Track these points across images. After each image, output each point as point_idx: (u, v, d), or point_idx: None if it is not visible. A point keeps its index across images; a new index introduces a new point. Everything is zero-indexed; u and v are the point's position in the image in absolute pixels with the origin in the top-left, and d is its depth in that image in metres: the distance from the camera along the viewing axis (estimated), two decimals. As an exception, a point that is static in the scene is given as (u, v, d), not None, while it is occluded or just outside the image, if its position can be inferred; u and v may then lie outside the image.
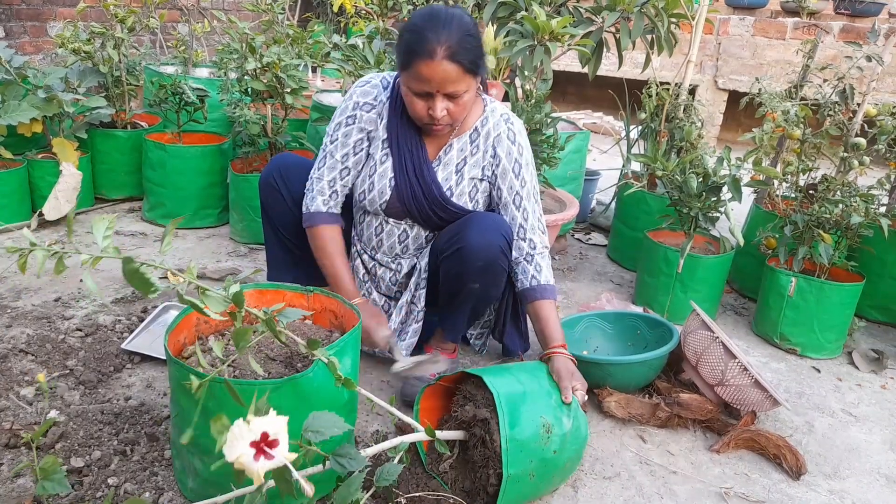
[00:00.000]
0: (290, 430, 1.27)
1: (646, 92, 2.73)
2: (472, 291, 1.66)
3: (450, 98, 1.51)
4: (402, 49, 1.49)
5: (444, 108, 1.52)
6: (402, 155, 1.68)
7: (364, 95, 1.69)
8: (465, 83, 1.49)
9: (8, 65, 2.58)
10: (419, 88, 1.50)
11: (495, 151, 1.69)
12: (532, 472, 1.34)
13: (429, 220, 1.73)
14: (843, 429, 1.84)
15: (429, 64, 1.44)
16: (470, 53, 1.46)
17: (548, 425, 1.36)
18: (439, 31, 1.43)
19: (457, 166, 1.70)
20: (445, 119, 1.55)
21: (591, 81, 2.61)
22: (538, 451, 1.34)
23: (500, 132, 1.69)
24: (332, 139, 1.71)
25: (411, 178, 1.68)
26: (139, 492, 1.36)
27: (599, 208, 3.38)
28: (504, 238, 1.62)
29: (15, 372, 1.68)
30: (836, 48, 4.61)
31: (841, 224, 2.14)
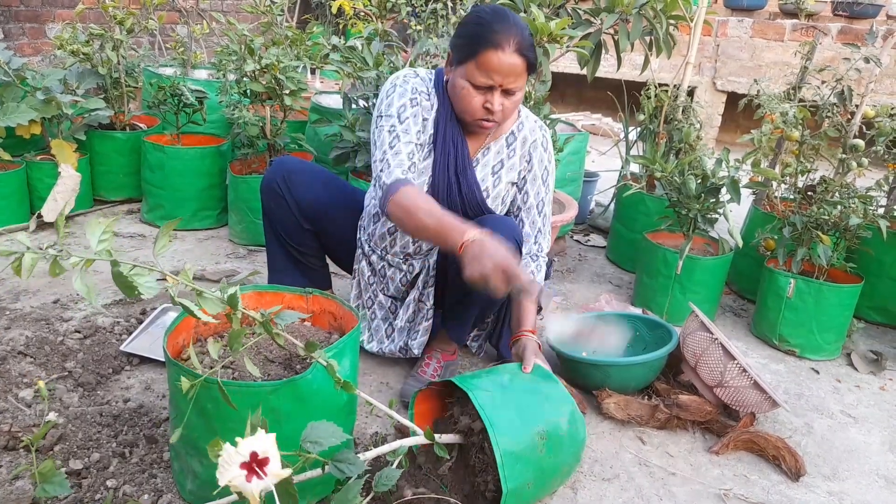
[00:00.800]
0: (288, 432, 1.28)
1: (644, 93, 2.73)
2: (482, 294, 1.66)
3: (506, 94, 1.52)
4: (467, 40, 1.49)
5: (501, 103, 1.52)
6: (447, 153, 1.67)
7: (420, 84, 1.64)
8: (524, 80, 1.52)
9: (6, 66, 2.58)
10: (482, 81, 1.49)
11: (531, 157, 1.72)
12: (530, 481, 1.32)
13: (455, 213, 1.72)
14: (842, 430, 1.84)
15: (499, 55, 1.45)
16: (533, 52, 1.50)
17: (542, 432, 1.34)
18: (509, 25, 1.46)
19: (493, 168, 1.71)
20: (499, 115, 1.55)
21: (589, 83, 2.62)
22: (534, 460, 1.32)
23: (537, 139, 1.72)
24: (400, 119, 1.58)
25: (451, 176, 1.68)
26: (138, 494, 1.36)
27: (598, 210, 3.39)
28: (517, 243, 1.63)
29: (14, 374, 1.68)
30: (834, 50, 4.62)
31: (839, 225, 2.14)
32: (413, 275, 1.81)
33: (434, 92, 1.66)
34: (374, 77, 2.43)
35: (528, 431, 1.34)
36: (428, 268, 1.78)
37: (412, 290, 1.81)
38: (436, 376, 1.79)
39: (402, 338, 1.81)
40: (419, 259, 1.81)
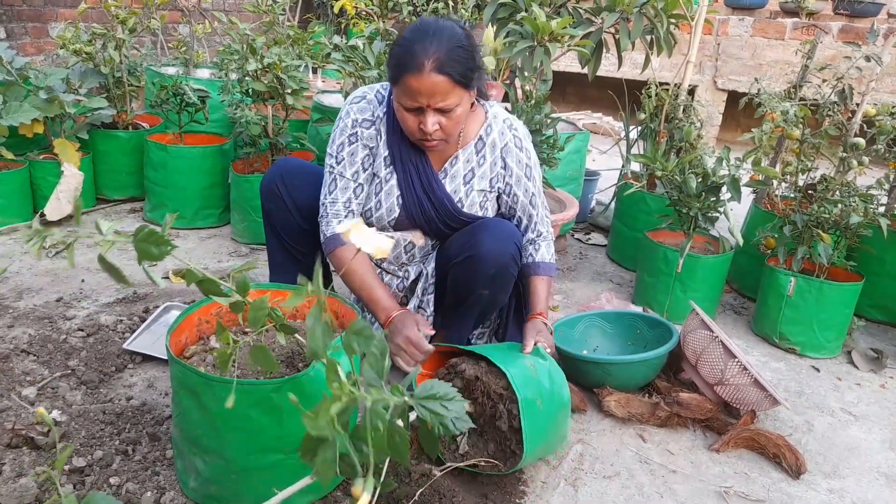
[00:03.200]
0: (291, 430, 1.28)
1: (645, 92, 2.74)
2: (481, 297, 1.66)
3: (441, 112, 1.48)
4: (392, 64, 1.47)
5: (436, 122, 1.48)
6: (408, 170, 1.65)
7: (361, 112, 1.65)
8: (456, 96, 1.46)
9: (9, 66, 2.59)
10: (409, 103, 1.47)
11: (506, 163, 1.69)
12: (538, 398, 1.43)
13: (439, 232, 1.73)
14: (842, 428, 1.84)
15: (417, 77, 1.41)
16: (460, 65, 1.43)
17: (533, 368, 1.49)
18: (427, 43, 1.41)
19: (464, 178, 1.69)
20: (438, 134, 1.51)
21: (590, 82, 2.62)
22: (535, 383, 1.46)
23: (507, 141, 1.68)
24: (337, 160, 1.66)
25: (419, 193, 1.66)
26: (141, 491, 1.36)
27: (599, 208, 3.39)
28: (516, 245, 1.63)
29: (17, 372, 1.69)
30: (835, 48, 4.61)
31: (840, 224, 2.14)
32: (410, 281, 1.81)
33: (384, 112, 1.65)
34: (376, 76, 2.44)
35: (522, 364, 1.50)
36: (427, 275, 1.77)
37: (412, 298, 1.80)
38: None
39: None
40: (414, 266, 1.81)
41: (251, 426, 1.26)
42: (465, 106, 1.52)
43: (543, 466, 1.58)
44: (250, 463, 1.29)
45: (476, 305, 1.69)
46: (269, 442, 1.28)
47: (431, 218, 1.69)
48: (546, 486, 1.52)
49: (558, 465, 1.59)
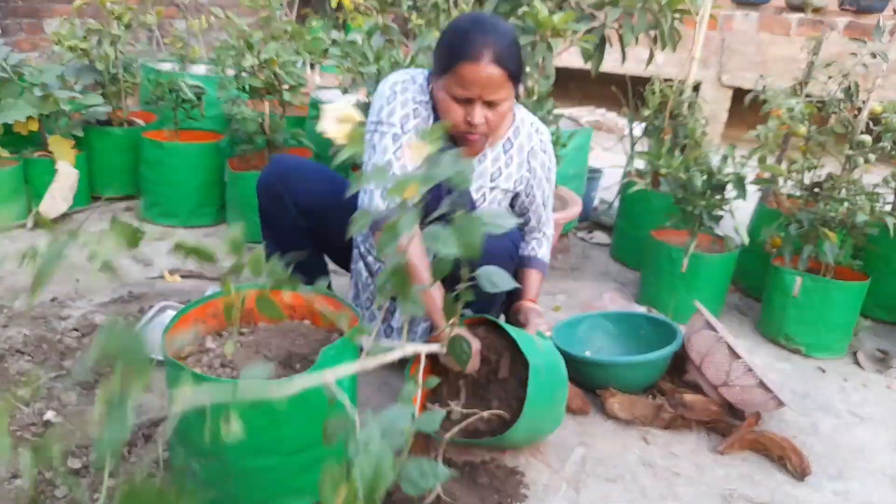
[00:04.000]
0: (288, 432, 1.26)
1: (649, 88, 2.71)
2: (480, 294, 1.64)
3: (489, 106, 1.48)
4: (445, 52, 1.45)
5: (483, 115, 1.48)
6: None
7: (418, 93, 1.61)
8: (507, 91, 1.47)
9: (4, 62, 2.56)
10: (460, 93, 1.45)
11: (531, 165, 1.73)
12: (543, 364, 1.46)
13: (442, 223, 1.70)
14: (848, 429, 1.82)
15: (474, 67, 1.40)
16: (514, 60, 1.45)
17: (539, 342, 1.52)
18: (486, 34, 1.41)
19: (491, 176, 1.68)
20: (482, 128, 1.50)
21: (593, 78, 2.59)
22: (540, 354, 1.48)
23: (534, 145, 1.71)
24: (404, 130, 1.57)
25: (443, 187, 1.65)
26: (136, 495, 1.34)
27: (602, 207, 3.36)
28: (512, 243, 1.65)
29: (12, 372, 1.67)
30: (841, 45, 4.57)
31: (846, 222, 2.12)
32: None
33: (427, 100, 1.63)
34: (375, 72, 2.41)
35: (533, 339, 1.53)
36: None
37: None
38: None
39: (399, 338, 1.79)
40: None
41: (247, 428, 1.24)
42: (511, 104, 1.53)
43: (545, 469, 1.55)
44: (247, 465, 1.27)
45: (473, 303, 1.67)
46: (267, 444, 1.26)
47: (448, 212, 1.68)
48: (548, 488, 1.49)
49: (560, 467, 1.57)
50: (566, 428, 1.71)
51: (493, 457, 1.57)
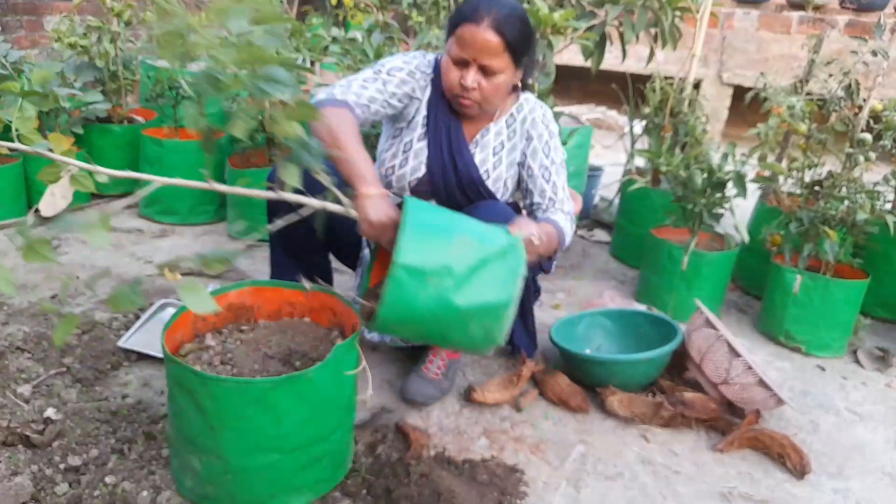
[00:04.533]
0: (288, 429, 1.26)
1: (649, 86, 2.70)
2: None
3: (484, 72, 1.52)
4: (453, 16, 1.53)
5: (476, 80, 1.52)
6: (440, 133, 1.68)
7: (422, 66, 1.69)
8: (503, 61, 1.50)
9: (4, 59, 2.56)
10: (457, 53, 1.51)
11: (529, 134, 1.71)
12: (434, 275, 1.18)
13: (453, 201, 1.70)
14: (847, 428, 1.82)
15: (473, 28, 1.47)
16: (516, 33, 1.49)
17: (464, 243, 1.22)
18: (492, 3, 1.47)
19: (494, 149, 1.71)
20: (475, 94, 1.54)
21: (594, 75, 2.59)
22: (443, 255, 1.19)
23: (535, 116, 1.71)
24: (389, 73, 1.62)
25: (446, 158, 1.68)
26: (137, 490, 1.34)
27: (602, 204, 3.36)
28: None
29: (12, 370, 1.67)
30: (841, 43, 4.57)
31: (846, 221, 2.11)
32: None
33: (431, 76, 1.69)
34: (376, 69, 2.41)
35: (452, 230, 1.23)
36: None
37: None
38: (439, 374, 1.77)
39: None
40: None
41: (247, 425, 1.25)
42: (508, 79, 1.55)
43: (545, 467, 1.56)
44: (247, 462, 1.28)
45: None
46: (266, 441, 1.27)
47: (452, 185, 1.69)
48: (548, 486, 1.50)
49: (560, 465, 1.57)
50: (566, 426, 1.71)
51: (493, 455, 1.57)
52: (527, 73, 1.65)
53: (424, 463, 1.47)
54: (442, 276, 1.18)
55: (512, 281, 1.23)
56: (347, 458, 1.47)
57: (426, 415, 1.70)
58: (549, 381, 1.80)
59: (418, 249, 1.18)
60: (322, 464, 1.35)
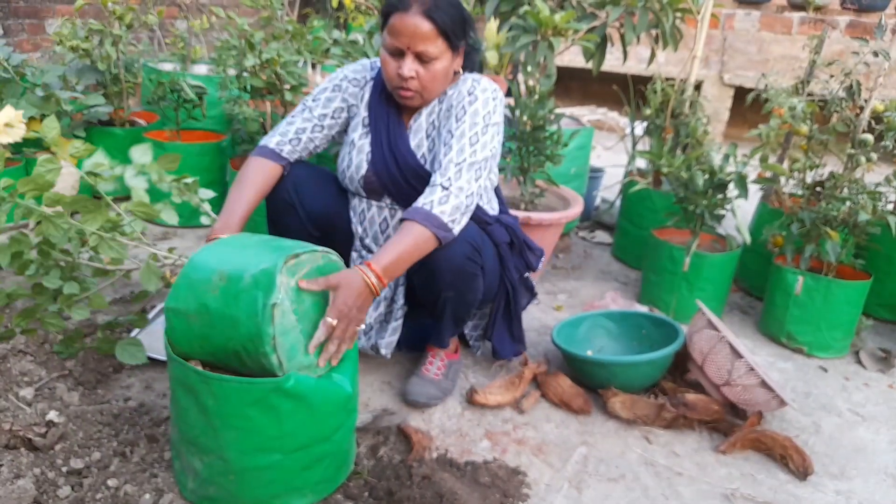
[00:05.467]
0: (289, 429, 1.27)
1: (650, 88, 2.70)
2: (449, 299, 1.64)
3: (421, 61, 1.50)
4: (383, 7, 1.53)
5: (414, 69, 1.50)
6: (379, 130, 1.67)
7: (353, 72, 1.72)
8: (437, 47, 1.48)
9: (6, 63, 2.56)
10: (391, 43, 1.50)
11: (451, 105, 1.62)
12: (191, 313, 1.23)
13: (403, 193, 1.67)
14: (850, 429, 1.82)
15: (402, 16, 1.46)
16: (448, 17, 1.47)
17: (223, 274, 1.22)
18: None
19: (427, 132, 1.67)
20: (413, 84, 1.53)
21: (594, 77, 2.59)
22: (201, 294, 1.22)
23: (463, 88, 1.61)
24: (314, 99, 1.71)
25: (386, 151, 1.66)
26: (139, 493, 1.35)
27: (604, 206, 3.36)
28: (468, 243, 1.56)
29: (14, 373, 1.67)
30: (842, 43, 4.57)
31: (848, 221, 2.11)
32: None
33: (372, 77, 1.71)
34: (377, 72, 2.41)
35: (212, 269, 1.24)
36: None
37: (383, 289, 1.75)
38: (440, 375, 1.78)
39: (372, 336, 1.76)
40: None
41: (249, 426, 1.25)
42: (446, 64, 1.53)
43: (547, 469, 1.56)
44: (248, 463, 1.28)
45: (446, 307, 1.66)
46: (268, 442, 1.27)
47: (395, 175, 1.66)
48: (550, 488, 1.49)
49: (562, 467, 1.57)
50: (568, 427, 1.71)
51: (495, 456, 1.57)
52: (469, 58, 1.62)
53: (426, 465, 1.47)
54: (200, 314, 1.24)
55: (253, 311, 1.19)
56: (349, 460, 1.47)
57: (428, 417, 1.70)
58: (551, 382, 1.80)
59: (178, 295, 1.25)
60: (324, 464, 1.35)
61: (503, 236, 1.72)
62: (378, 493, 1.40)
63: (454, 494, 1.38)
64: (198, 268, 1.26)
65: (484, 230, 1.67)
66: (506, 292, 1.77)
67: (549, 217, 2.29)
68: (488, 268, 1.66)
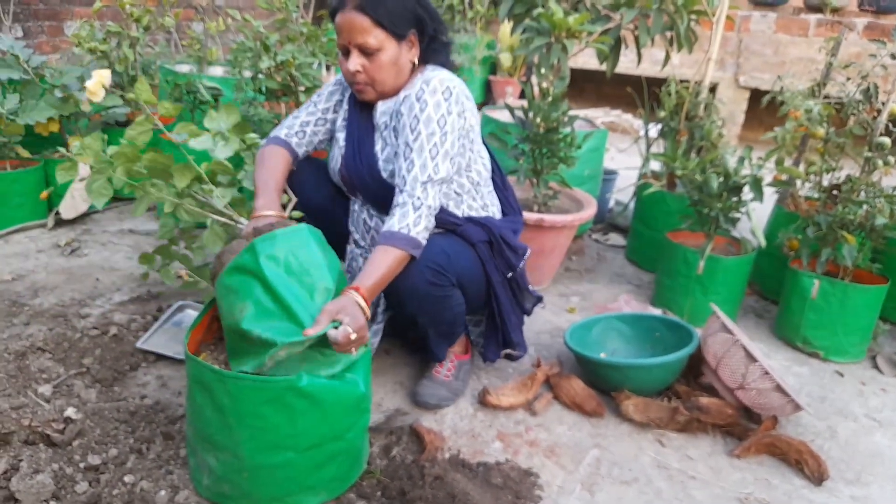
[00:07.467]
0: (303, 428, 1.28)
1: (665, 90, 2.69)
2: (425, 321, 1.64)
3: (365, 54, 1.53)
4: (329, 11, 1.57)
5: (359, 64, 1.54)
6: (352, 128, 1.70)
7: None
8: (376, 39, 1.50)
9: (26, 64, 2.60)
10: (339, 43, 1.55)
11: (400, 111, 1.58)
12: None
13: (367, 190, 1.67)
14: (866, 434, 1.80)
15: (341, 14, 1.51)
16: (384, 7, 1.49)
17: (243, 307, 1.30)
18: None
19: (381, 132, 1.67)
20: (361, 77, 1.56)
21: (608, 79, 2.58)
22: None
23: (411, 93, 1.56)
24: (318, 94, 1.77)
25: (355, 147, 1.69)
26: (155, 490, 1.36)
27: (618, 208, 3.35)
28: (429, 267, 1.52)
29: (33, 370, 1.69)
30: (860, 45, 4.52)
31: (865, 225, 2.09)
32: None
33: None
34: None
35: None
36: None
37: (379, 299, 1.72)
38: (450, 376, 1.78)
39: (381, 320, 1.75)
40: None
41: (263, 423, 1.26)
42: (391, 55, 1.54)
43: (560, 471, 1.55)
44: (262, 461, 1.29)
45: (427, 326, 1.66)
46: (281, 440, 1.28)
47: (361, 174, 1.66)
48: (562, 490, 1.49)
49: (575, 469, 1.56)
50: (581, 430, 1.71)
51: (508, 458, 1.57)
52: (432, 50, 1.62)
53: (439, 465, 1.48)
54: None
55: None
56: (362, 459, 1.47)
57: (440, 417, 1.71)
58: (564, 384, 1.79)
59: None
60: (336, 463, 1.36)
61: (479, 235, 1.65)
62: (391, 493, 1.41)
63: (466, 495, 1.38)
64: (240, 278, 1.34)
65: (454, 233, 1.63)
66: (497, 302, 1.72)
67: (562, 219, 2.29)
68: (466, 278, 1.61)
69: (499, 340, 1.80)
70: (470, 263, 1.63)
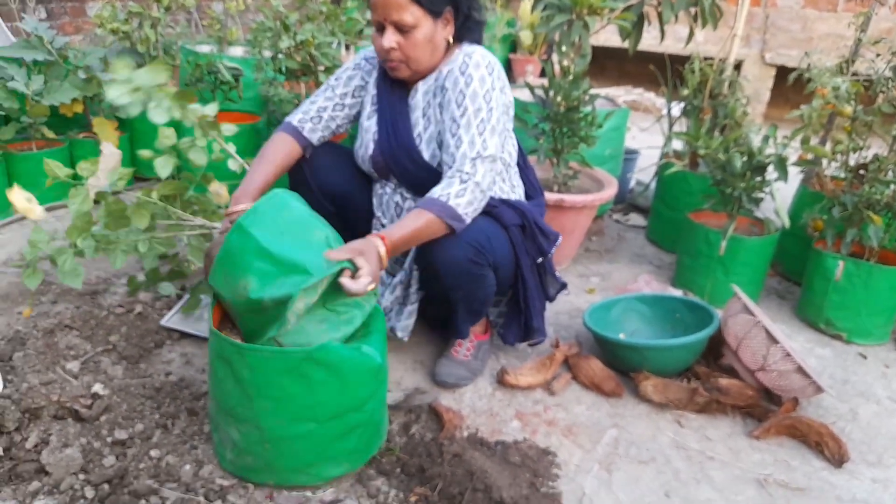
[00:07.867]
0: (322, 398, 1.30)
1: (688, 67, 2.64)
2: (458, 297, 1.64)
3: (400, 31, 1.51)
4: None
5: (395, 41, 1.52)
6: (384, 109, 1.68)
7: (368, 54, 1.74)
8: (412, 15, 1.48)
9: (50, 45, 2.63)
10: (374, 19, 1.53)
11: (444, 86, 1.59)
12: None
13: (406, 174, 1.67)
14: (888, 417, 1.78)
15: None
16: None
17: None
18: None
19: (423, 111, 1.65)
20: (396, 55, 1.54)
21: (631, 56, 2.54)
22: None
23: (454, 67, 1.57)
24: (336, 78, 1.75)
25: (389, 129, 1.66)
26: (180, 464, 1.39)
27: (639, 188, 3.31)
28: (471, 245, 1.53)
29: (61, 346, 1.73)
30: (891, 21, 4.39)
31: (892, 205, 2.05)
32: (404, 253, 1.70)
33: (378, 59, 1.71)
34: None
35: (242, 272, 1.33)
36: (412, 251, 1.68)
37: (400, 272, 1.74)
38: (469, 356, 1.79)
39: (390, 319, 1.76)
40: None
41: (282, 395, 1.28)
42: (427, 32, 1.53)
43: (577, 450, 1.56)
44: (283, 432, 1.31)
45: (458, 303, 1.66)
46: (301, 411, 1.30)
47: (396, 154, 1.66)
48: (580, 469, 1.50)
49: (593, 448, 1.57)
50: (599, 410, 1.72)
51: (526, 437, 1.59)
52: (467, 28, 1.60)
53: (457, 443, 1.49)
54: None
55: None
56: (382, 431, 1.49)
57: (459, 396, 1.72)
58: (583, 365, 1.80)
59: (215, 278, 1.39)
60: (357, 434, 1.38)
61: (513, 218, 1.65)
62: (409, 470, 1.43)
63: (484, 473, 1.39)
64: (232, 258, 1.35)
65: (490, 214, 1.62)
66: (523, 285, 1.71)
67: (582, 199, 2.27)
68: (500, 261, 1.62)
69: (520, 324, 1.80)
70: (504, 246, 1.63)
